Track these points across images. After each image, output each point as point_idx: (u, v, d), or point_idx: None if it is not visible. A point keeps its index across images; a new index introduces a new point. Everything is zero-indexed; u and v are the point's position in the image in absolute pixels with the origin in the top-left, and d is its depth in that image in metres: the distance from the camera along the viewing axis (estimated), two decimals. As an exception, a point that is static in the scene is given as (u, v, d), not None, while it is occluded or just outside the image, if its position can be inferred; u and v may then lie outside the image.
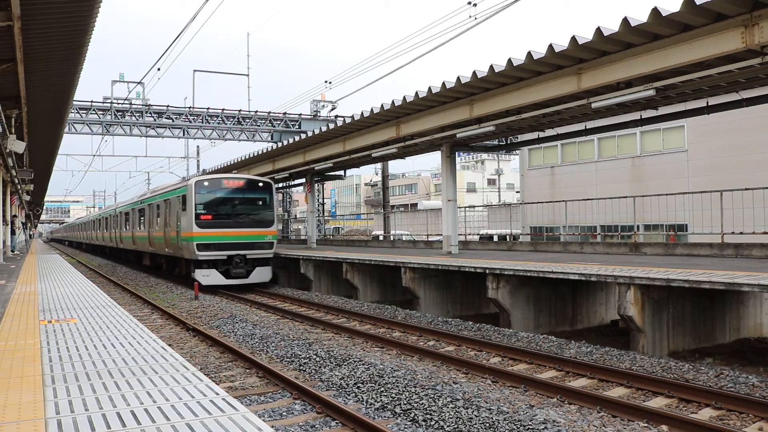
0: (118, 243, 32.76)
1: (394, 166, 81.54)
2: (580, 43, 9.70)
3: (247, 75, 34.24)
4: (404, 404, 6.55)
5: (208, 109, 31.65)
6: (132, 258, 31.24)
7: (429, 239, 25.65)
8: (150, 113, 30.82)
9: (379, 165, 39.85)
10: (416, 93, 13.64)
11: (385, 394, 6.92)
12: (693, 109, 13.41)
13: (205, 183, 18.51)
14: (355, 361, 8.45)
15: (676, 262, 11.49)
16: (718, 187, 14.90)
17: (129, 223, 28.72)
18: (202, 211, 18.05)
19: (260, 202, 19.32)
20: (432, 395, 6.74)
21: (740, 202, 14.07)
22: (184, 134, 32.22)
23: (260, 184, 19.34)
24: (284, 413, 6.43)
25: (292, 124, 33.11)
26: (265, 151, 24.23)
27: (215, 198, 18.60)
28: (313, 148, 21.20)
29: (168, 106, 30.97)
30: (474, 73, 11.88)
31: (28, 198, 36.27)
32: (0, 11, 8.81)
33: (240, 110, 32.22)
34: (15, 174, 22.93)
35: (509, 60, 10.97)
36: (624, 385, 7.40)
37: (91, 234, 49.12)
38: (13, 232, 32.62)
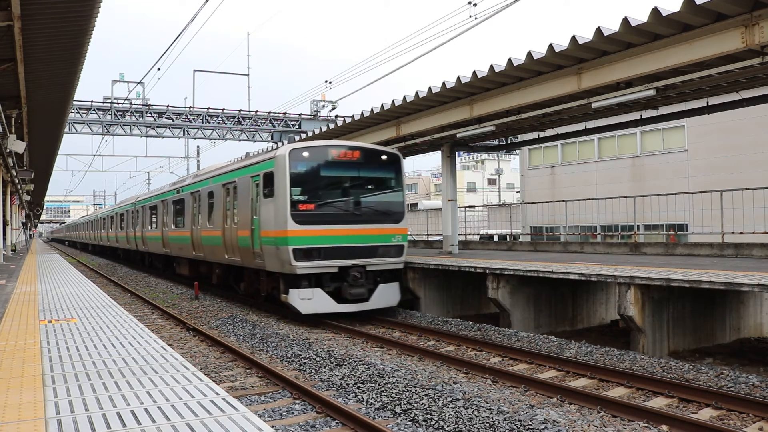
0: (139, 245, 26.53)
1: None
2: (580, 43, 9.70)
3: (247, 75, 34.22)
4: (404, 404, 6.55)
5: (208, 109, 31.65)
6: (159, 264, 24.67)
7: (429, 239, 25.66)
8: (150, 113, 30.82)
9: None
10: (416, 93, 13.64)
11: (385, 394, 6.92)
12: (693, 109, 13.41)
13: (305, 153, 12.07)
14: (355, 361, 8.45)
15: (676, 262, 11.49)
16: (718, 187, 14.90)
17: (156, 219, 22.94)
18: (301, 198, 11.87)
19: (385, 185, 13.12)
20: (432, 395, 6.74)
21: (740, 202, 14.07)
22: (184, 134, 32.22)
23: (384, 157, 12.91)
24: (284, 413, 6.43)
25: (292, 124, 33.11)
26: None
27: (321, 177, 12.39)
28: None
29: (168, 106, 30.97)
30: (474, 73, 11.88)
31: (28, 198, 36.26)
32: (0, 11, 8.82)
33: (240, 110, 32.22)
34: (15, 174, 22.94)
35: (509, 60, 10.97)
36: (624, 385, 7.40)
37: (99, 234, 41.60)
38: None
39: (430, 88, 13.20)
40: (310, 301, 11.63)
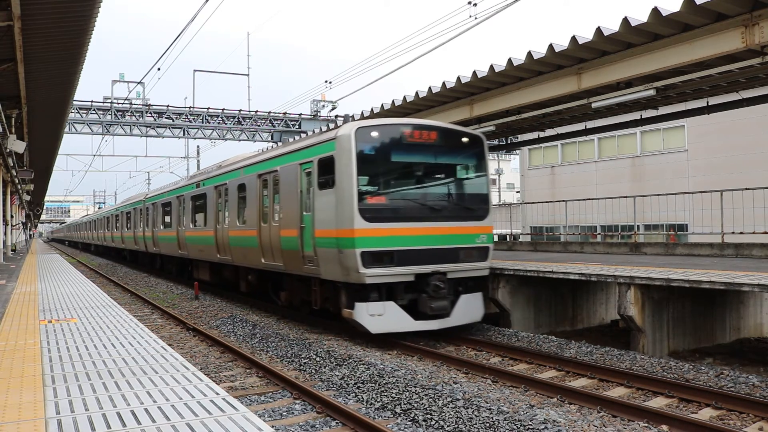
0: (149, 246, 24.37)
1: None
2: (580, 42, 9.70)
3: (247, 75, 34.21)
4: (404, 404, 6.55)
5: (208, 109, 31.67)
6: (173, 267, 22.29)
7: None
8: (150, 113, 30.83)
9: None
10: (416, 93, 13.65)
11: (385, 394, 6.91)
12: (693, 109, 13.41)
13: (374, 133, 9.85)
14: (355, 361, 8.45)
15: (676, 262, 11.49)
16: (718, 187, 14.90)
17: (171, 217, 20.65)
18: (371, 189, 9.86)
19: (467, 173, 11.09)
20: (432, 395, 6.74)
21: (740, 202, 14.07)
22: (184, 134, 32.23)
23: (465, 139, 10.81)
24: (284, 413, 6.43)
25: (293, 124, 33.12)
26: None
27: (394, 163, 10.27)
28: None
29: (168, 106, 30.99)
30: (474, 72, 11.88)
31: (28, 198, 36.28)
32: (0, 11, 8.82)
33: (240, 110, 32.24)
34: (15, 174, 22.95)
35: (509, 60, 10.97)
36: (624, 385, 7.40)
37: (103, 234, 39.08)
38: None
39: (430, 88, 13.21)
40: (381, 317, 9.45)
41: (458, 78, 12.31)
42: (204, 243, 16.50)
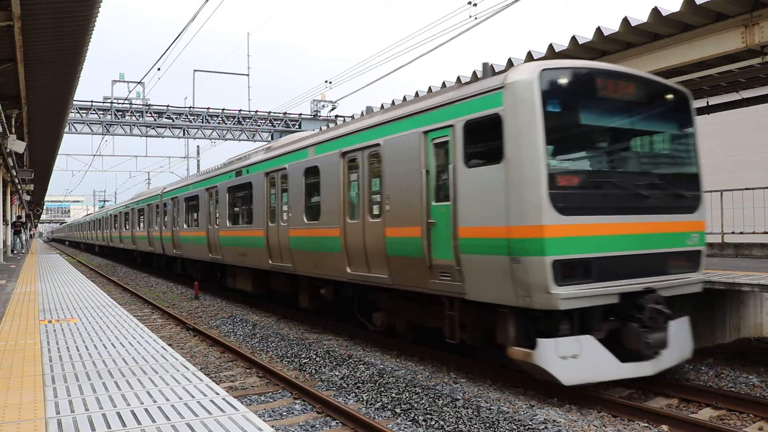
0: (167, 248, 21.07)
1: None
2: (580, 43, 9.70)
3: (247, 75, 34.23)
4: (404, 404, 6.55)
5: (208, 109, 31.71)
6: (198, 273, 18.65)
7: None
8: (150, 113, 30.87)
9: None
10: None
11: (385, 394, 6.92)
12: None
13: (563, 80, 6.82)
14: (355, 361, 8.45)
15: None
16: (718, 187, 14.90)
17: (198, 214, 17.28)
18: (564, 166, 7.08)
19: (673, 144, 8.02)
20: (432, 395, 6.74)
21: (740, 202, 14.07)
22: (184, 134, 32.28)
23: (670, 96, 7.84)
24: (284, 413, 6.44)
25: (293, 124, 33.14)
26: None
27: (590, 128, 7.25)
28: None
29: (168, 106, 31.03)
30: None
31: (28, 198, 36.31)
32: (0, 11, 8.83)
33: (240, 110, 32.28)
34: (15, 174, 22.98)
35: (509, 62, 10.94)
36: (624, 384, 7.39)
37: (110, 234, 34.89)
38: (18, 232, 32.80)
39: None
40: (576, 360, 6.40)
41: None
42: (247, 245, 13.46)
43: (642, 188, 7.07)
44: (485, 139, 7.01)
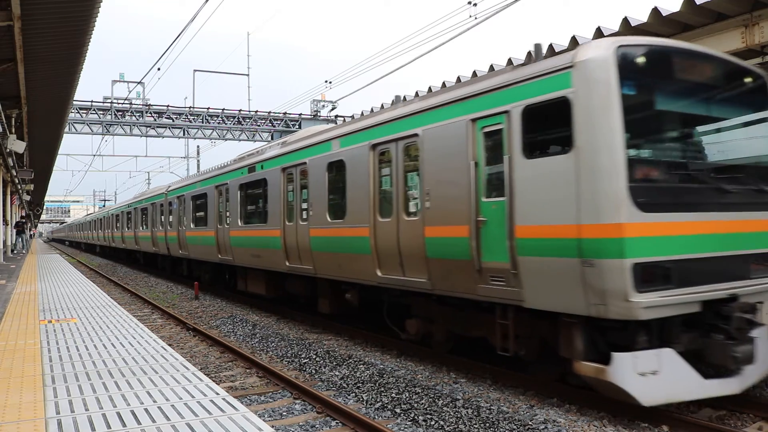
0: (173, 248, 20.03)
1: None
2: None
3: (247, 75, 34.26)
4: (404, 404, 6.55)
5: (208, 109, 31.73)
6: (206, 275, 18.10)
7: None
8: (150, 113, 30.88)
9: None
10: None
11: (385, 393, 6.92)
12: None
13: (640, 59, 6.06)
14: (355, 361, 8.45)
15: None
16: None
17: (206, 213, 16.51)
18: (644, 155, 6.44)
19: (756, 131, 7.24)
20: (432, 395, 6.75)
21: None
22: (184, 134, 32.29)
23: (748, 80, 7.13)
24: (284, 413, 6.44)
25: (293, 124, 33.16)
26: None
27: (669, 114, 6.66)
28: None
29: (168, 106, 31.04)
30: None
31: (28, 198, 36.32)
32: (0, 11, 8.83)
33: (240, 110, 32.31)
34: (15, 174, 23.00)
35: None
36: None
37: (112, 234, 33.54)
38: (21, 232, 32.86)
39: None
40: (656, 377, 5.73)
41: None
42: (261, 246, 12.70)
43: (725, 182, 6.39)
44: (549, 126, 6.30)
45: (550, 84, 6.17)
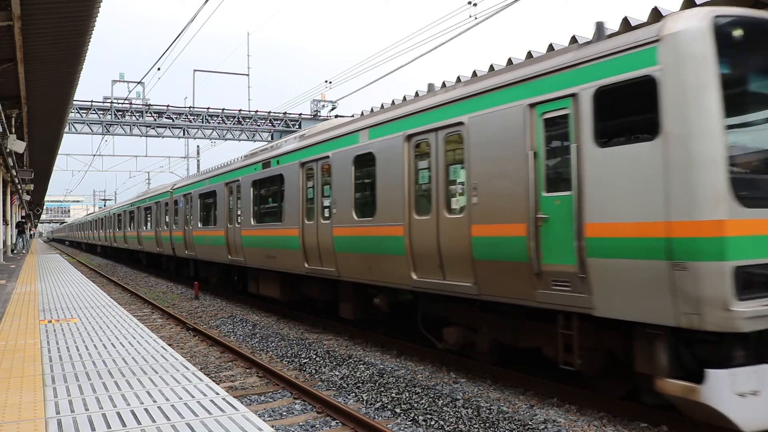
0: (178, 249, 19.25)
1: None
2: (580, 44, 9.70)
3: (247, 75, 34.24)
4: (404, 404, 6.55)
5: (208, 109, 31.74)
6: (214, 276, 17.38)
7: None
8: (150, 113, 30.89)
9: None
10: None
11: (385, 393, 6.92)
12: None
13: (737, 32, 5.18)
14: (355, 361, 8.45)
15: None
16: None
17: (216, 212, 15.68)
18: (745, 144, 5.41)
19: None
20: (432, 395, 6.75)
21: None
22: (184, 134, 32.30)
23: None
24: (284, 413, 6.44)
25: (293, 124, 33.17)
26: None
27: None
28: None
29: (168, 106, 31.06)
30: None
31: (28, 198, 36.32)
32: (0, 11, 8.84)
33: (240, 110, 32.32)
34: (15, 174, 23.00)
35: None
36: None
37: (114, 234, 32.47)
38: (22, 232, 32.88)
39: None
40: (757, 398, 4.99)
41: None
42: (277, 246, 11.91)
43: None
44: (629, 110, 5.58)
45: (630, 61, 5.42)
